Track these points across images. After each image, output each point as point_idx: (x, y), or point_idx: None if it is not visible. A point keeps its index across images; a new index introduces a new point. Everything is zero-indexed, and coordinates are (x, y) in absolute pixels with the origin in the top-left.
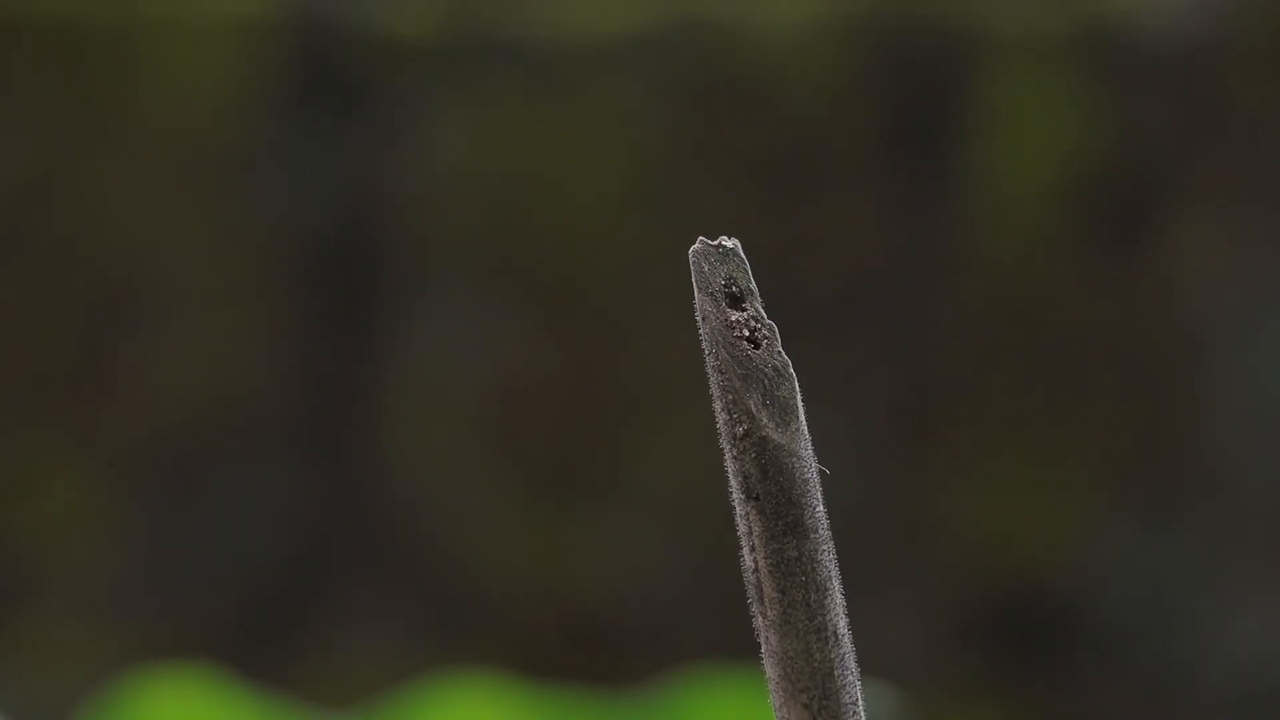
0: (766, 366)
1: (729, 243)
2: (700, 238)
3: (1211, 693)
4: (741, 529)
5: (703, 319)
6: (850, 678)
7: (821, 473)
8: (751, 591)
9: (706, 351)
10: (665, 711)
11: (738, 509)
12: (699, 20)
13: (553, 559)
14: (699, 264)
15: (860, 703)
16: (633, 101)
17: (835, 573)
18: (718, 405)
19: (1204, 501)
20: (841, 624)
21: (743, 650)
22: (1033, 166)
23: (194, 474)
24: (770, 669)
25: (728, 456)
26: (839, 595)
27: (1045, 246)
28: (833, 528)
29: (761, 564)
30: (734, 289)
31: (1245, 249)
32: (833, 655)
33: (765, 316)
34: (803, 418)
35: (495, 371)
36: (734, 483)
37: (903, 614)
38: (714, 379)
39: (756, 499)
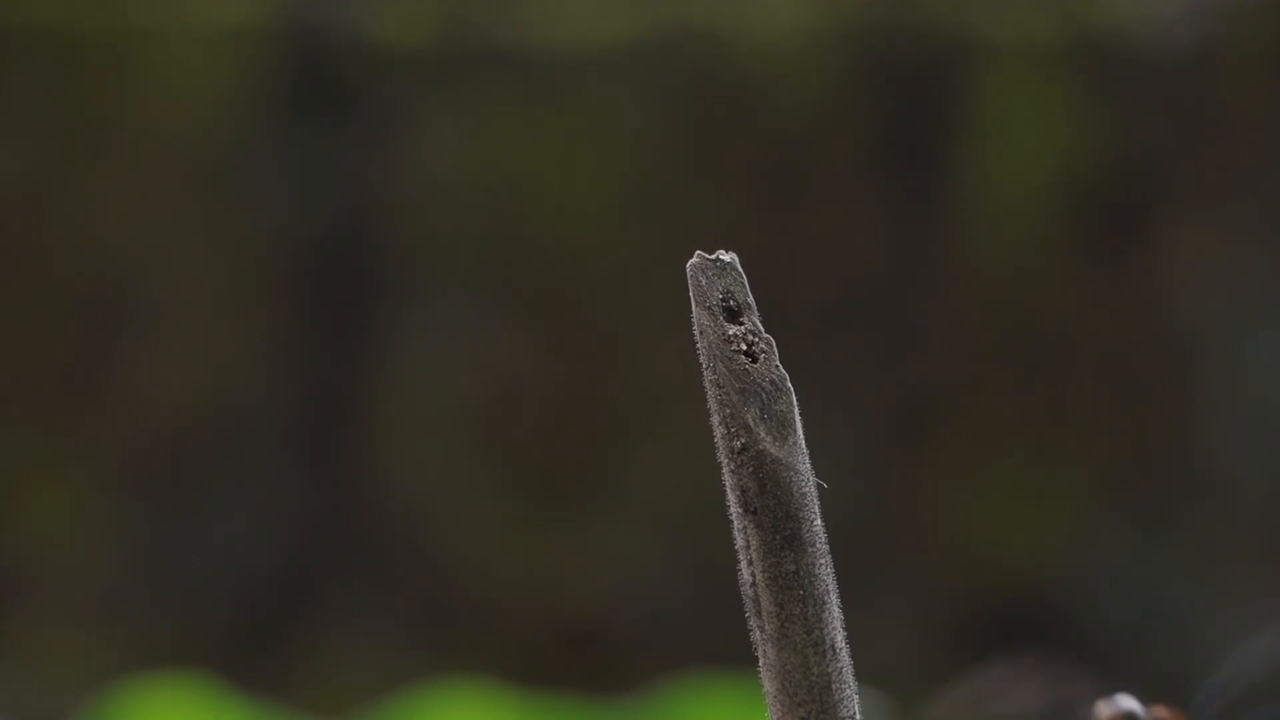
0: (764, 380)
1: (726, 256)
2: (698, 252)
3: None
4: (739, 543)
5: (700, 333)
6: (848, 692)
7: (819, 486)
8: (749, 605)
9: (704, 365)
10: (660, 718)
11: (735, 523)
12: (692, 28)
13: (547, 566)
14: (696, 278)
15: (858, 717)
16: (626, 109)
17: (833, 586)
18: (715, 419)
19: (1198, 507)
20: (839, 638)
21: (736, 658)
22: (1026, 173)
23: (188, 480)
24: (768, 683)
25: (725, 470)
26: (837, 609)
27: (1039, 253)
28: (829, 539)
29: (759, 578)
30: (731, 303)
31: (1238, 255)
32: (830, 669)
33: (763, 330)
34: (800, 432)
35: (489, 378)
36: (732, 496)
37: (897, 621)
38: (711, 393)
39: (754, 513)
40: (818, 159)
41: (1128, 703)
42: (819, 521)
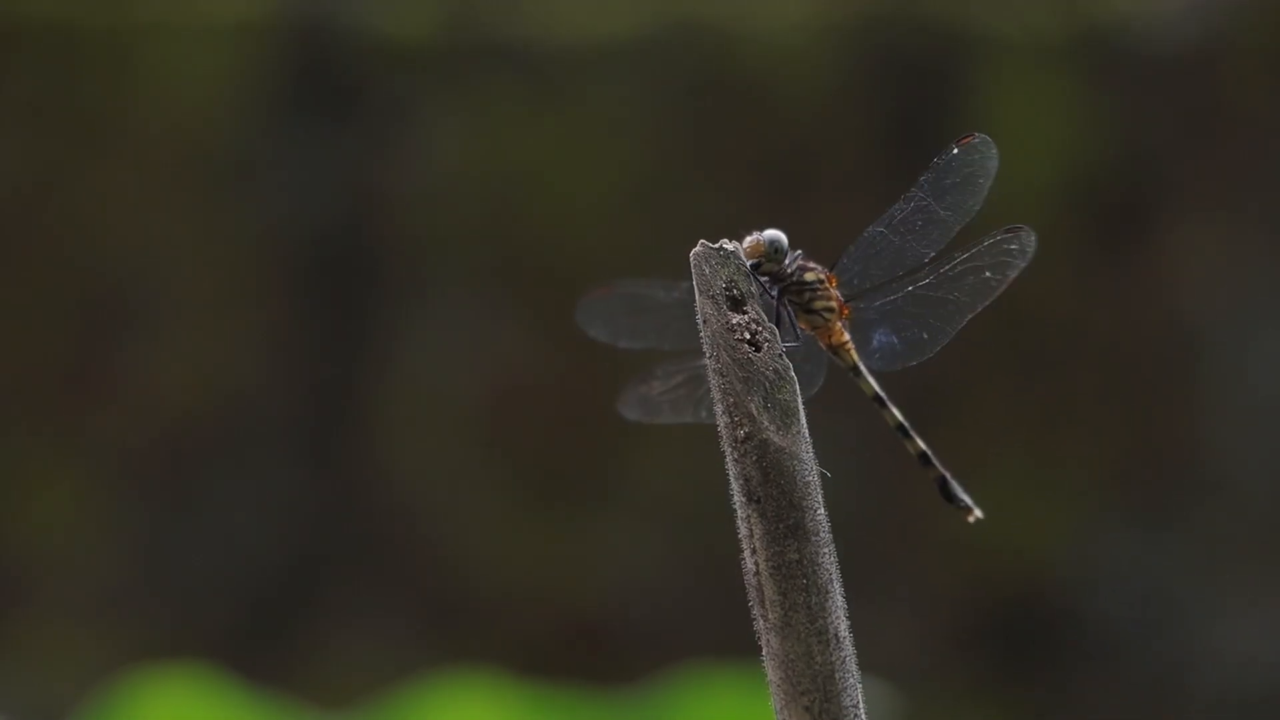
0: (768, 369)
1: (730, 245)
2: (701, 240)
3: (1206, 695)
4: (742, 531)
5: (703, 321)
6: (851, 680)
7: (823, 475)
8: (752, 594)
9: (707, 354)
10: (661, 710)
11: (739, 512)
12: (696, 24)
13: (548, 560)
14: (700, 267)
15: (861, 705)
16: (629, 104)
17: (836, 575)
18: (719, 408)
19: (1199, 505)
20: (843, 627)
21: (735, 650)
22: (1029, 169)
23: (190, 476)
24: (771, 672)
25: (729, 459)
26: (840, 598)
27: (1042, 248)
28: (833, 531)
29: (762, 567)
30: (735, 292)
31: (1241, 252)
32: (834, 658)
33: (766, 319)
34: (804, 421)
35: (491, 374)
36: (735, 485)
37: (901, 616)
38: (715, 382)
39: (758, 502)
40: (821, 154)
41: (773, 234)
42: (822, 510)
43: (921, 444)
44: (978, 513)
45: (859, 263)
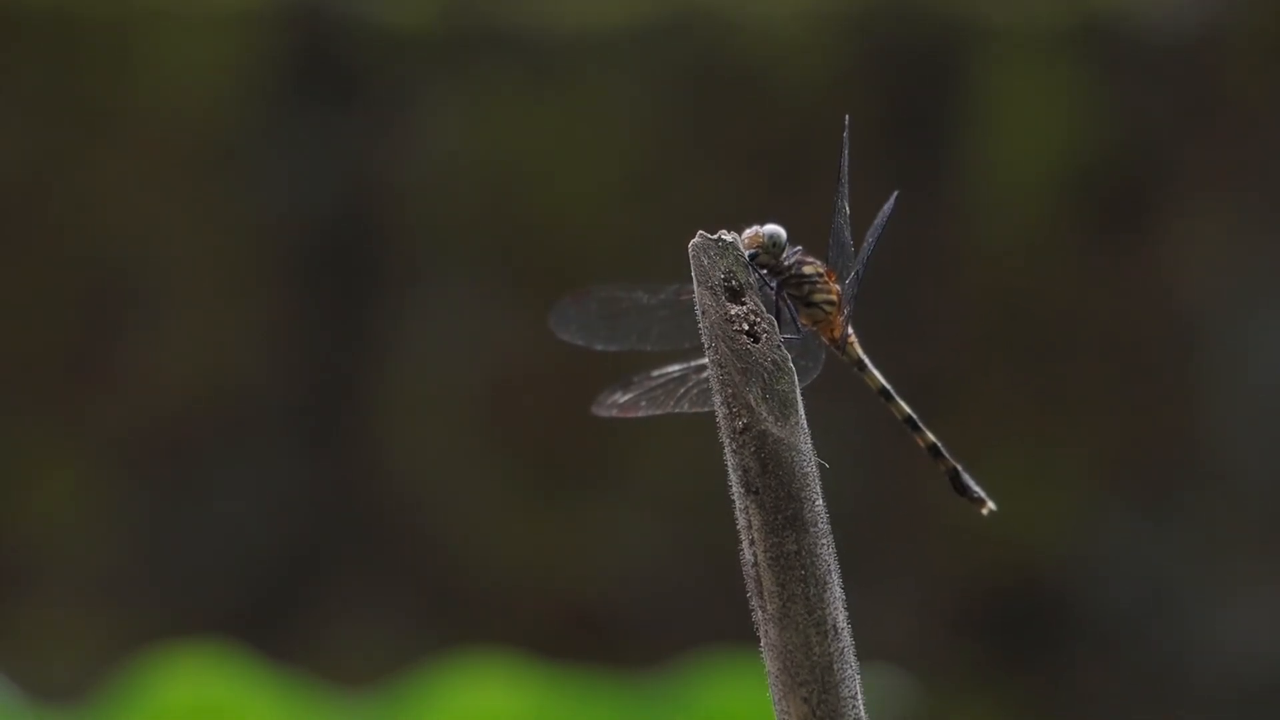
0: (766, 360)
1: (728, 236)
2: (700, 231)
3: (1206, 682)
4: (741, 523)
5: (702, 312)
6: (850, 671)
7: (821, 466)
8: (751, 585)
9: (706, 345)
10: (676, 695)
11: (737, 503)
12: (696, 11)
13: (547, 548)
14: (698, 258)
15: (860, 696)
16: (629, 92)
17: (835, 566)
18: (717, 399)
19: (1199, 493)
20: (841, 618)
21: (737, 639)
22: (1030, 158)
23: (192, 462)
24: (770, 663)
25: (727, 450)
26: (838, 589)
27: (1042, 238)
28: (831, 519)
29: (761, 558)
30: (733, 283)
31: (1241, 240)
32: (832, 649)
33: (764, 310)
34: (802, 411)
35: (492, 361)
36: (733, 476)
37: (900, 604)
38: (713, 373)
39: (756, 493)
40: (821, 143)
41: (772, 228)
42: (820, 501)
43: (931, 436)
44: (991, 504)
45: (837, 255)
